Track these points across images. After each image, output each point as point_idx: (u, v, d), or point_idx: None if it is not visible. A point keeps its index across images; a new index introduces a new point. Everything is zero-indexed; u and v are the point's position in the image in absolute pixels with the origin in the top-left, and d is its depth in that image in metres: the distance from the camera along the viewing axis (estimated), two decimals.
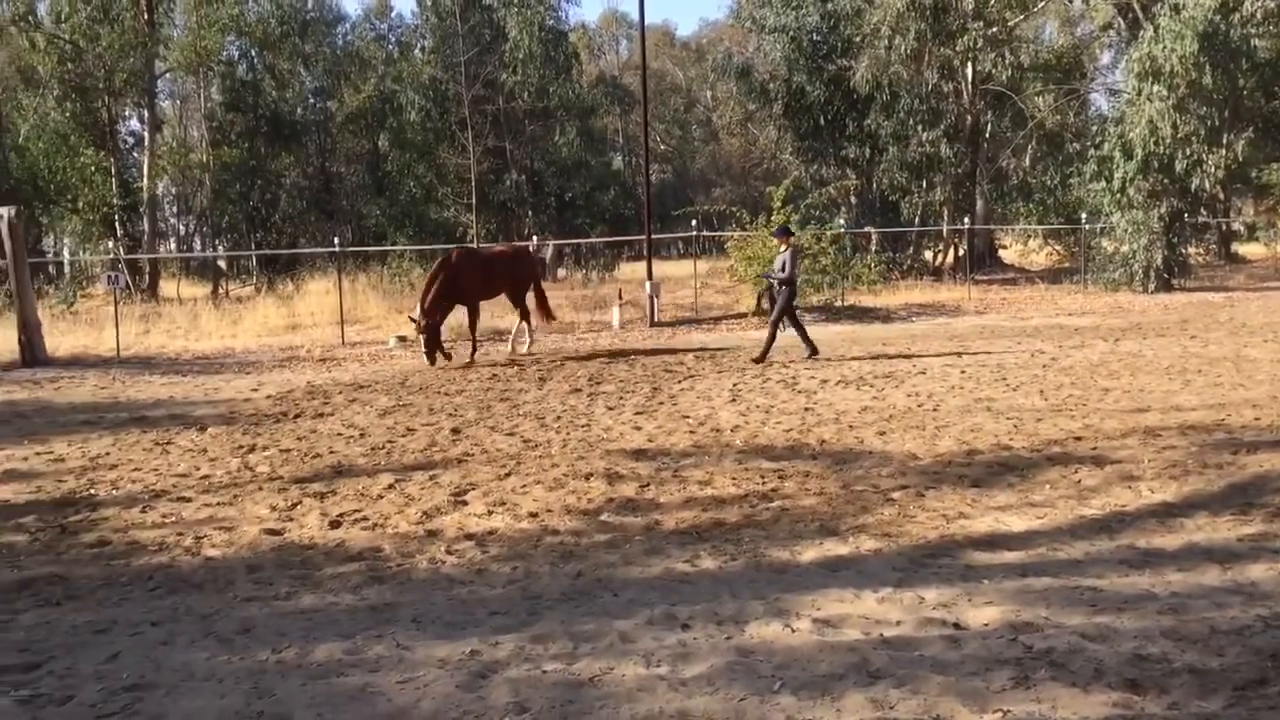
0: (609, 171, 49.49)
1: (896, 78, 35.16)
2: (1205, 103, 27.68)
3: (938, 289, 31.15)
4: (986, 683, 4.57)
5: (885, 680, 4.64)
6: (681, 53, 75.85)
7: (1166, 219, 28.76)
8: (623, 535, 7.34)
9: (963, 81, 37.37)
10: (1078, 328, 20.73)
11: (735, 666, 4.87)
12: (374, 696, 4.68)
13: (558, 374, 15.60)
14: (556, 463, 9.62)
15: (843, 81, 36.31)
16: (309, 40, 45.17)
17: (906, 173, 36.89)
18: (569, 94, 41.68)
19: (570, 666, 4.95)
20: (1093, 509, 7.67)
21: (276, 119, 41.84)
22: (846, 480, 8.74)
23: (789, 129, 39.86)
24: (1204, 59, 26.94)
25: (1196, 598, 5.64)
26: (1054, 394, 12.63)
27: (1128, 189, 28.68)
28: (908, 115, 35.77)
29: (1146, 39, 28.39)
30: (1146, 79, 28.07)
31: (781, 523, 7.56)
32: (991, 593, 5.84)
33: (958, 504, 7.90)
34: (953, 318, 24.08)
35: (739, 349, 18.30)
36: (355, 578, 6.53)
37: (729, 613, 5.65)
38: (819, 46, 37.85)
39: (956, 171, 37.15)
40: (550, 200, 42.44)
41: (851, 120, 37.46)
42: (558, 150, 42.57)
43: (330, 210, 44.67)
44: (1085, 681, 4.55)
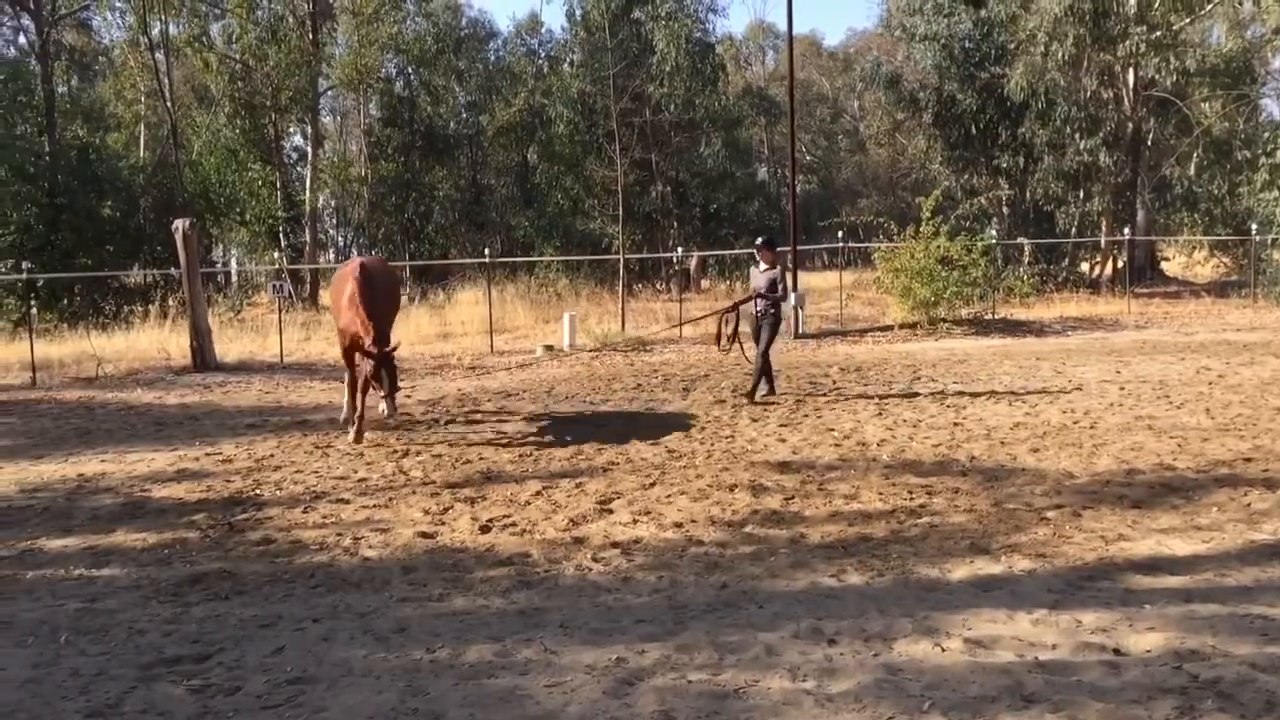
0: (754, 183, 49.27)
1: (1053, 85, 34.12)
2: None
3: (1095, 302, 30.06)
4: (1149, 711, 4.41)
5: (1040, 705, 4.51)
6: (828, 62, 75.18)
7: None
8: (768, 548, 7.31)
9: (1123, 88, 36.02)
10: (1246, 343, 19.75)
11: (883, 684, 4.80)
12: (523, 699, 4.77)
13: (701, 385, 15.62)
14: (701, 473, 9.64)
15: (995, 89, 35.41)
16: (462, 57, 46.37)
17: (1062, 182, 35.72)
18: (715, 105, 41.69)
19: (715, 677, 4.96)
20: (1264, 534, 7.31)
21: (431, 133, 43.07)
22: (998, 498, 8.53)
23: (939, 138, 39.06)
24: None
25: None
26: (1221, 413, 12.07)
27: None
28: (1064, 123, 34.64)
29: None
30: None
31: (930, 539, 7.42)
32: (1154, 618, 5.62)
33: (1117, 525, 7.63)
34: (1110, 332, 23.22)
35: (885, 361, 18.03)
36: (505, 582, 6.68)
37: (876, 629, 5.57)
38: (971, 54, 37.00)
39: (1116, 181, 35.82)
40: (695, 211, 42.50)
41: (1004, 129, 36.48)
42: (703, 161, 42.62)
43: (480, 222, 45.71)
44: (1256, 713, 4.35)
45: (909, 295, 23.91)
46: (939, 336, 22.68)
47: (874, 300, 27.81)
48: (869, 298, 28.57)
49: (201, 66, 39.37)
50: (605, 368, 18.45)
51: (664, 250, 38.03)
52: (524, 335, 24.04)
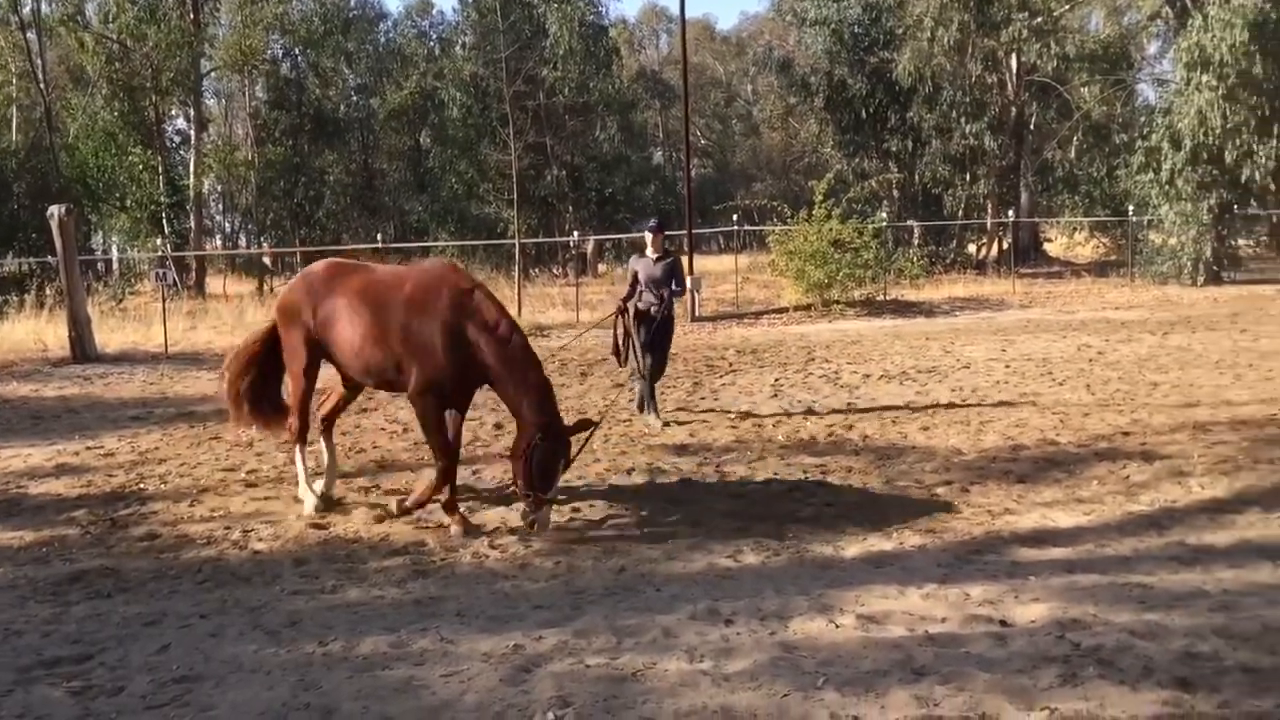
0: (649, 166, 49.44)
1: (939, 70, 34.84)
2: (1256, 92, 27.16)
3: (981, 283, 30.82)
4: (1033, 680, 4.53)
5: (930, 677, 4.60)
6: (722, 47, 75.61)
7: (1216, 211, 28.27)
8: (667, 531, 7.33)
9: (1007, 73, 36.97)
10: (1125, 321, 20.46)
11: (779, 662, 4.86)
12: (418, 689, 4.71)
13: (599, 369, 15.61)
14: (599, 458, 9.63)
15: (885, 74, 36.03)
16: (351, 38, 45.45)
17: (949, 166, 36.55)
18: (609, 89, 41.64)
19: (613, 661, 4.96)
20: (1142, 505, 7.58)
21: (320, 116, 42.17)
22: (890, 476, 8.69)
23: (830, 122, 39.61)
24: (1254, 48, 26.44)
25: (1248, 595, 5.56)
26: (1101, 389, 12.48)
27: (1176, 180, 28.22)
28: (950, 107, 35.43)
29: (1195, 28, 27.91)
30: (1195, 69, 27.60)
31: (824, 519, 7.53)
32: (1038, 589, 5.79)
33: (1003, 500, 7.84)
34: (996, 311, 23.84)
35: (781, 344, 18.24)
36: (400, 571, 6.58)
37: (772, 608, 5.63)
38: (860, 39, 37.58)
39: (1000, 164, 36.78)
40: (591, 195, 42.46)
41: (894, 113, 37.16)
42: (598, 145, 42.59)
43: (373, 207, 44.96)
44: (1134, 679, 4.50)
45: (803, 278, 24.21)
46: (833, 318, 23.02)
47: (769, 283, 28.10)
48: (764, 281, 28.85)
49: (77, 46, 37.86)
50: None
51: (560, 235, 37.92)
52: None
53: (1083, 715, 4.17)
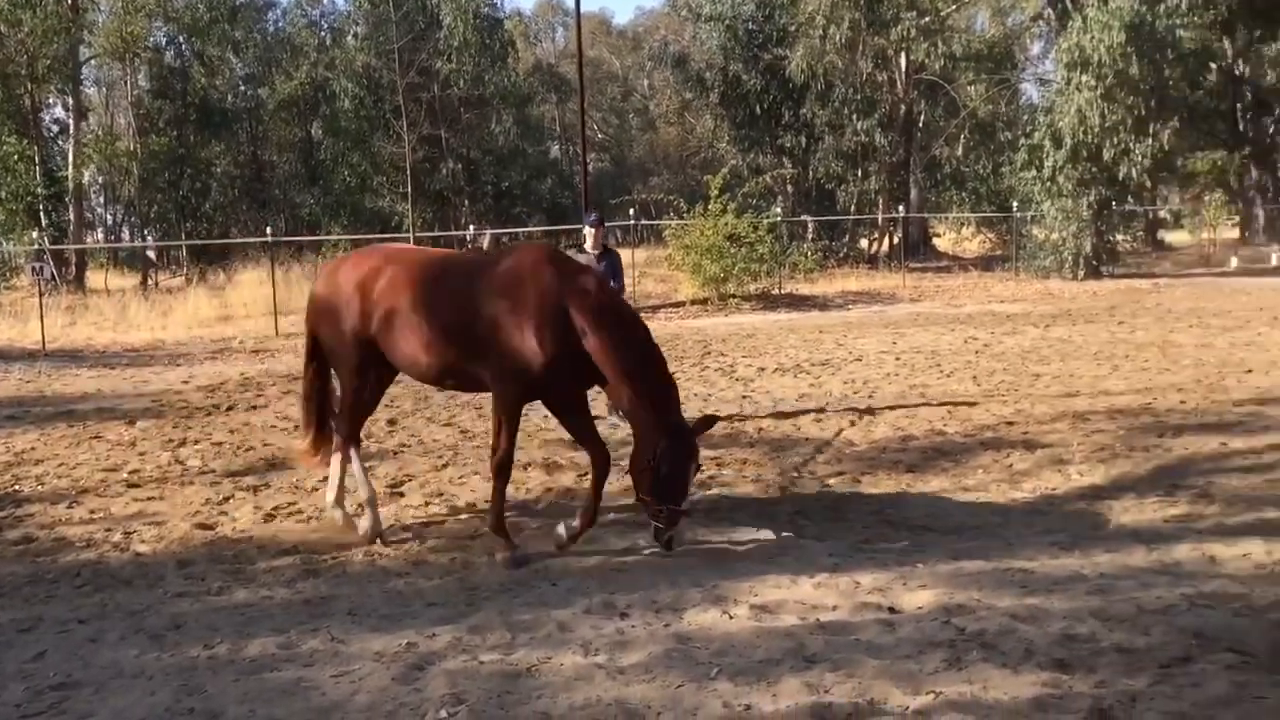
0: (546, 160, 49.29)
1: (831, 67, 35.39)
2: (1132, 92, 28.17)
3: (873, 277, 31.44)
4: (920, 665, 4.63)
5: (821, 664, 4.67)
6: (618, 41, 75.64)
7: (1095, 207, 29.26)
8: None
9: (897, 71, 37.72)
10: (1009, 314, 21.05)
11: (673, 654, 4.88)
12: (308, 690, 4.62)
13: None
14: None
15: (778, 70, 36.48)
16: (238, 26, 44.29)
17: (842, 161, 37.20)
18: (505, 82, 41.38)
19: (508, 657, 4.93)
20: (1024, 492, 7.81)
21: (206, 106, 41.06)
22: (784, 467, 8.81)
23: (725, 118, 39.99)
24: (1130, 49, 27.43)
25: (1124, 578, 5.75)
26: (987, 380, 12.82)
27: (1057, 177, 29.13)
28: (843, 104, 36.05)
29: (1075, 29, 28.83)
30: (1075, 69, 28.51)
31: (719, 510, 7.59)
32: (926, 576, 5.91)
33: (893, 489, 8.00)
34: (888, 305, 24.33)
35: (677, 337, 18.33)
36: (290, 571, 6.45)
37: (667, 601, 5.65)
38: (754, 35, 37.99)
39: (891, 160, 37.53)
40: (487, 189, 42.16)
41: (788, 109, 37.66)
42: (494, 139, 42.30)
43: (263, 199, 43.99)
44: (1016, 662, 4.62)
45: (699, 272, 24.40)
46: (729, 312, 23.23)
47: (666, 277, 28.25)
48: (661, 275, 28.99)
49: None
50: None
51: (456, 229, 37.53)
52: None
53: (966, 698, 4.27)
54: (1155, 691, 4.27)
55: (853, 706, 4.23)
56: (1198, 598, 5.39)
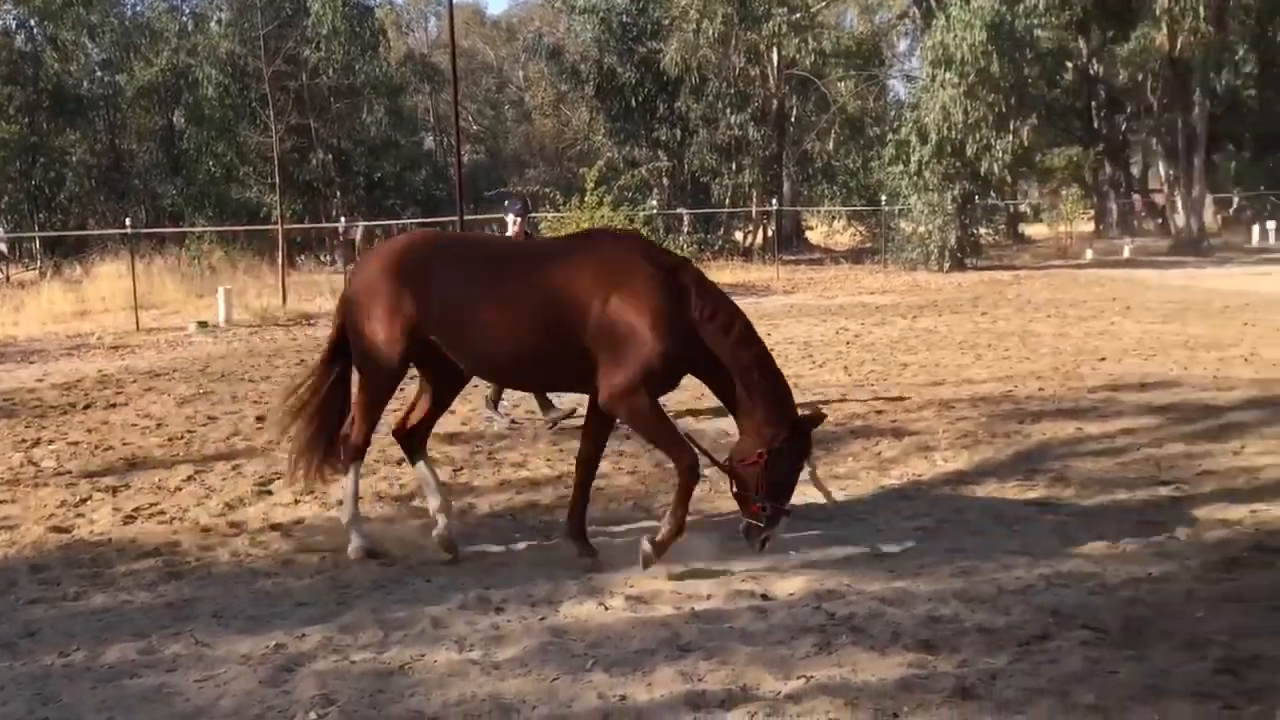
0: (420, 151, 48.54)
1: (705, 61, 35.74)
2: (993, 90, 29.12)
3: (748, 269, 31.84)
4: (791, 650, 4.71)
5: (695, 653, 4.72)
6: (492, 32, 74.98)
7: (959, 201, 30.19)
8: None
9: (769, 66, 38.27)
10: (879, 306, 21.56)
11: (549, 647, 4.87)
12: (170, 697, 4.47)
13: None
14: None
15: (653, 64, 36.68)
16: (94, 10, 42.49)
17: (716, 155, 37.60)
18: (376, 72, 40.65)
19: (380, 655, 4.86)
20: (893, 479, 8.01)
21: (60, 93, 39.31)
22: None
23: (601, 110, 40.01)
24: (991, 48, 28.34)
25: (985, 560, 5.95)
26: (857, 370, 13.10)
27: (923, 172, 29.96)
28: (716, 98, 36.44)
29: (939, 28, 29.66)
30: (939, 66, 29.34)
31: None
32: (798, 563, 6.02)
33: None
34: (762, 297, 24.67)
35: None
36: (151, 574, 6.22)
37: (543, 594, 5.64)
38: (629, 28, 38.10)
39: (764, 154, 38.08)
40: (359, 180, 41.39)
41: (663, 102, 37.89)
42: (366, 129, 41.53)
43: (122, 190, 42.29)
44: (883, 644, 4.74)
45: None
46: None
47: None
48: None
49: None
50: (266, 344, 17.63)
51: (327, 220, 36.75)
52: (175, 311, 22.52)
53: (836, 681, 4.36)
54: (1015, 669, 4.43)
55: (726, 693, 4.28)
56: (1054, 577, 5.62)
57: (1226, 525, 6.51)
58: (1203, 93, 37.14)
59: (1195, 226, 37.51)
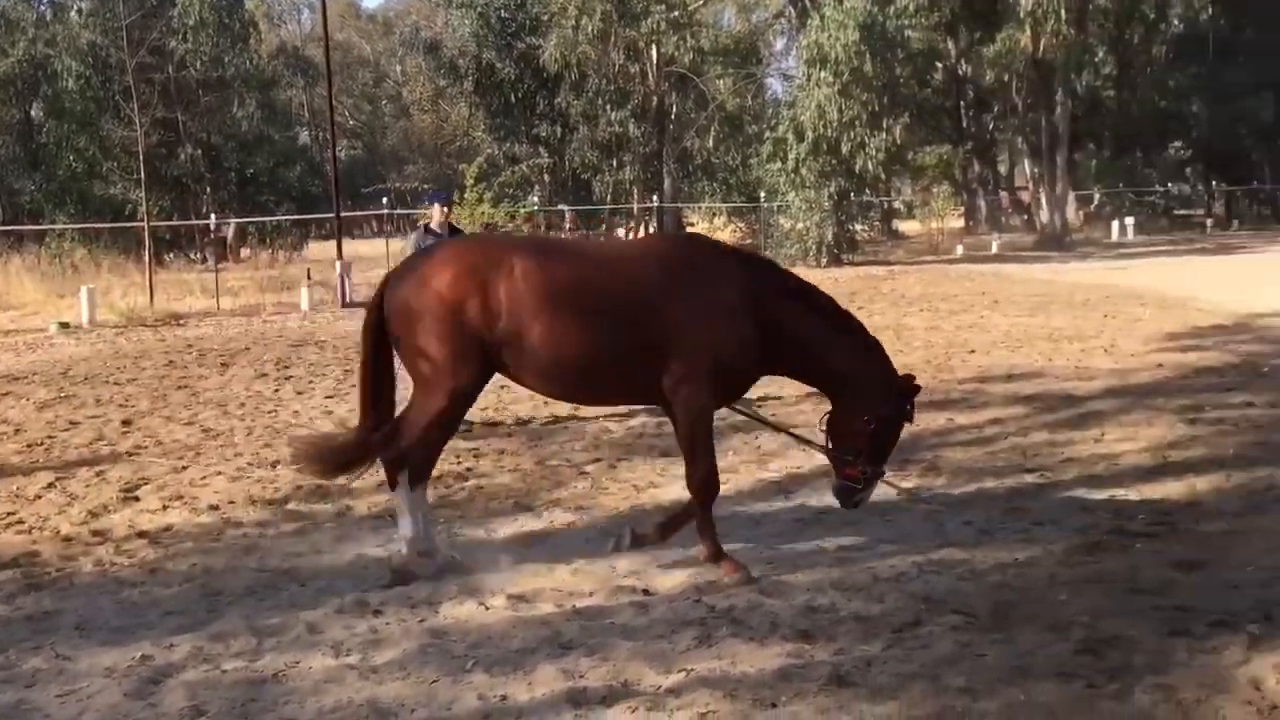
0: (295, 147, 47.50)
1: (585, 58, 35.73)
2: (866, 89, 29.76)
3: None
4: (672, 644, 4.74)
5: (576, 650, 4.71)
6: (368, 25, 73.85)
7: (835, 197, 30.78)
8: (312, 523, 7.09)
9: (648, 63, 38.43)
10: None
11: (428, 649, 4.81)
12: (28, 713, 4.29)
13: (242, 358, 14.85)
14: (240, 452, 9.16)
15: (533, 60, 36.54)
16: None
17: (597, 151, 37.64)
18: (247, 65, 39.64)
19: (253, 664, 4.73)
20: (771, 472, 8.11)
21: None
22: (542, 456, 8.82)
23: (481, 106, 39.72)
24: (864, 48, 28.96)
25: (861, 550, 6.08)
26: None
27: (801, 169, 30.47)
28: (596, 95, 36.47)
29: (814, 28, 30.19)
30: (814, 65, 29.87)
31: (476, 502, 7.53)
32: (679, 557, 6.04)
33: (648, 474, 8.14)
34: None
35: None
36: (9, 586, 5.95)
37: (422, 595, 5.56)
38: (507, 24, 37.86)
39: (645, 151, 38.24)
40: (231, 176, 40.31)
41: (543, 99, 37.77)
42: (237, 124, 40.45)
43: None
44: (763, 635, 4.80)
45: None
46: None
47: None
48: None
49: None
50: (133, 345, 17.03)
51: (197, 217, 35.71)
52: (34, 312, 21.60)
53: (716, 673, 4.40)
54: (889, 655, 4.53)
55: (607, 689, 4.28)
56: (926, 565, 5.76)
57: (1088, 510, 6.77)
58: (1064, 93, 38.52)
59: (1059, 222, 38.89)
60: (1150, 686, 4.05)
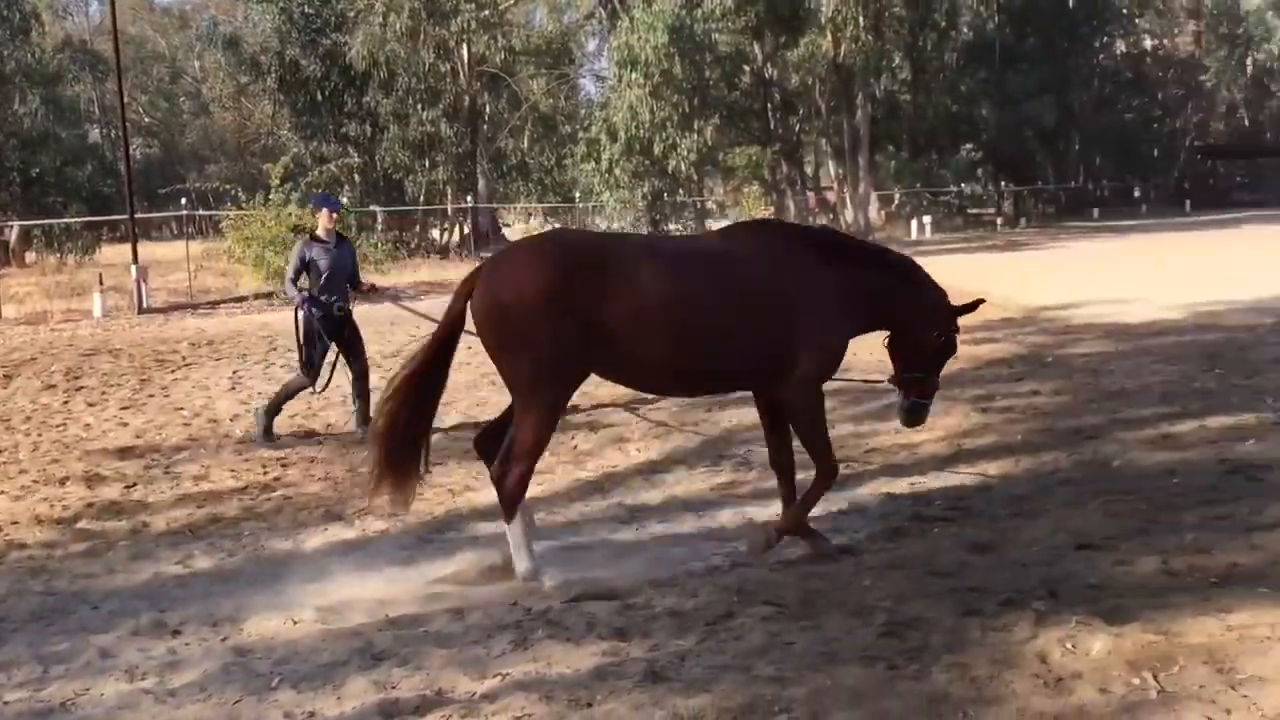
0: (84, 145, 44.95)
1: (394, 56, 35.04)
2: (677, 91, 30.21)
3: (446, 267, 31.49)
4: (488, 650, 4.69)
5: (389, 660, 4.61)
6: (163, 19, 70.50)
7: (649, 197, 31.16)
8: (105, 542, 6.73)
9: (459, 62, 38.00)
10: None
11: (231, 669, 4.63)
12: None
13: (28, 369, 13.96)
14: (25, 468, 8.63)
15: (339, 57, 35.61)
16: None
17: (409, 151, 36.96)
18: (28, 58, 37.32)
19: (39, 693, 4.46)
20: (588, 472, 8.13)
21: None
22: (354, 463, 8.60)
23: (285, 104, 38.44)
24: (674, 50, 29.40)
25: (675, 546, 6.16)
26: None
27: (614, 169, 30.71)
28: (407, 94, 35.82)
29: (624, 29, 30.48)
30: (625, 67, 30.15)
31: (284, 512, 7.30)
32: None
33: (464, 478, 8.05)
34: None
35: (241, 334, 17.40)
36: None
37: (226, 613, 5.36)
38: (312, 19, 36.76)
39: (458, 151, 37.79)
40: (13, 176, 37.82)
41: (351, 97, 36.84)
42: (19, 121, 38.01)
43: None
44: (579, 636, 4.80)
45: (262, 264, 23.31)
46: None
47: (227, 270, 26.72)
48: (222, 268, 27.37)
49: None
50: None
51: None
52: None
53: (532, 676, 4.37)
54: (702, 648, 4.59)
55: (420, 699, 4.21)
56: (739, 558, 5.88)
57: (890, 498, 7.05)
58: (864, 97, 40.03)
59: (862, 221, 40.39)
60: (946, 665, 4.22)
